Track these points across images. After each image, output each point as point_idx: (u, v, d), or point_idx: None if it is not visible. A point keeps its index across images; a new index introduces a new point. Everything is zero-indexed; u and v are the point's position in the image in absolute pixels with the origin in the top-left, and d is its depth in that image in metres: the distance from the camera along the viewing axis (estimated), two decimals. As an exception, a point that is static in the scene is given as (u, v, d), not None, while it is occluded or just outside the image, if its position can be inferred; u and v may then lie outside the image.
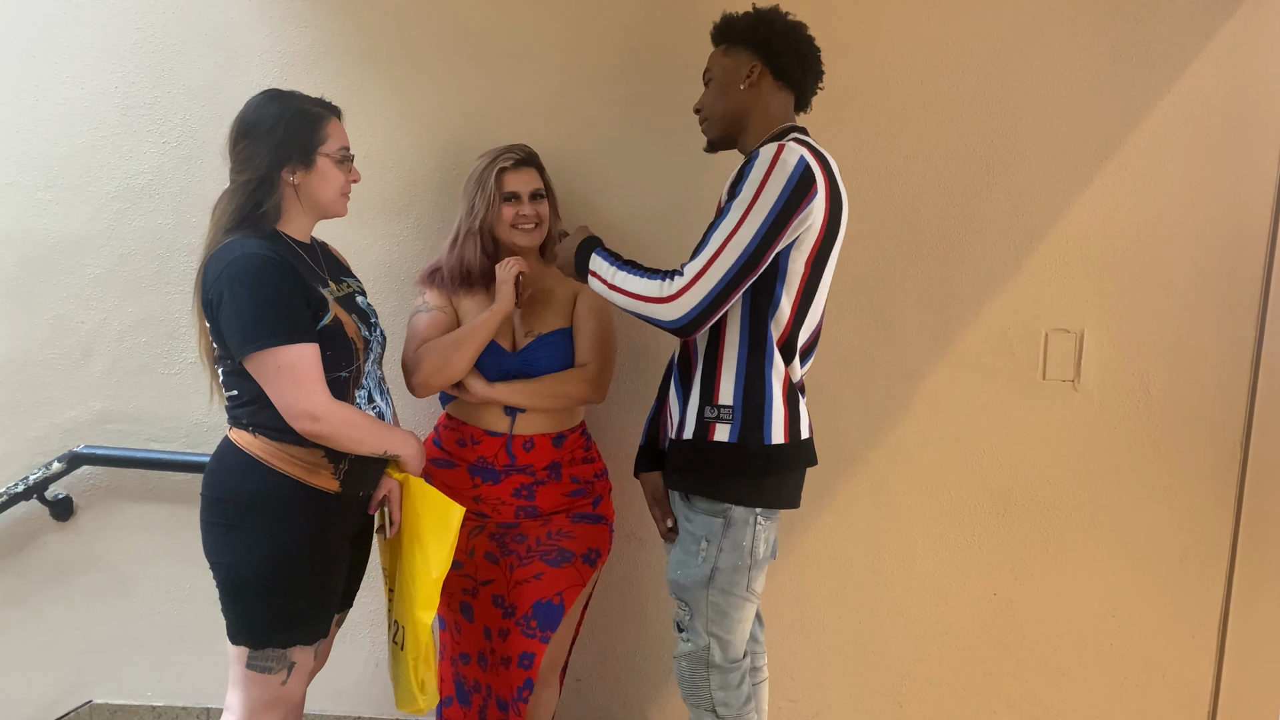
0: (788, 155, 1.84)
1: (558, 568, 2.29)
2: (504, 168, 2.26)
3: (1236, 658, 2.60)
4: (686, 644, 2.05)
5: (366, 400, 2.03)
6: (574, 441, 2.37)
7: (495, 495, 2.30)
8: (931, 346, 2.58)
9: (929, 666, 2.71)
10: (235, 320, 1.84)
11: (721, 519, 1.97)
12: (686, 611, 2.03)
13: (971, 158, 2.51)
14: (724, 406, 1.95)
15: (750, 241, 1.83)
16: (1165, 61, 2.45)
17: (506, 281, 2.22)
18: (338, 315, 1.95)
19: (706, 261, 1.85)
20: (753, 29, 2.03)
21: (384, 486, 2.11)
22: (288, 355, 1.84)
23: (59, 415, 2.72)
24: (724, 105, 2.05)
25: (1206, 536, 2.58)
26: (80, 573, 2.78)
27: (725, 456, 1.95)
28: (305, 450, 1.93)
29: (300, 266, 1.92)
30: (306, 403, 1.85)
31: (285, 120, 1.91)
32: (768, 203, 1.83)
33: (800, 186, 1.84)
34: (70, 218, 2.65)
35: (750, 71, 2.01)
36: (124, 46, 2.59)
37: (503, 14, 2.54)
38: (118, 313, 2.68)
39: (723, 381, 1.95)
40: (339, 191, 2.00)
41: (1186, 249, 2.50)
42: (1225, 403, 2.54)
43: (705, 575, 1.99)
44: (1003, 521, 2.62)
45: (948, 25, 2.47)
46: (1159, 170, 2.48)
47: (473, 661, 2.36)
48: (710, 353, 1.98)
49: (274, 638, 1.94)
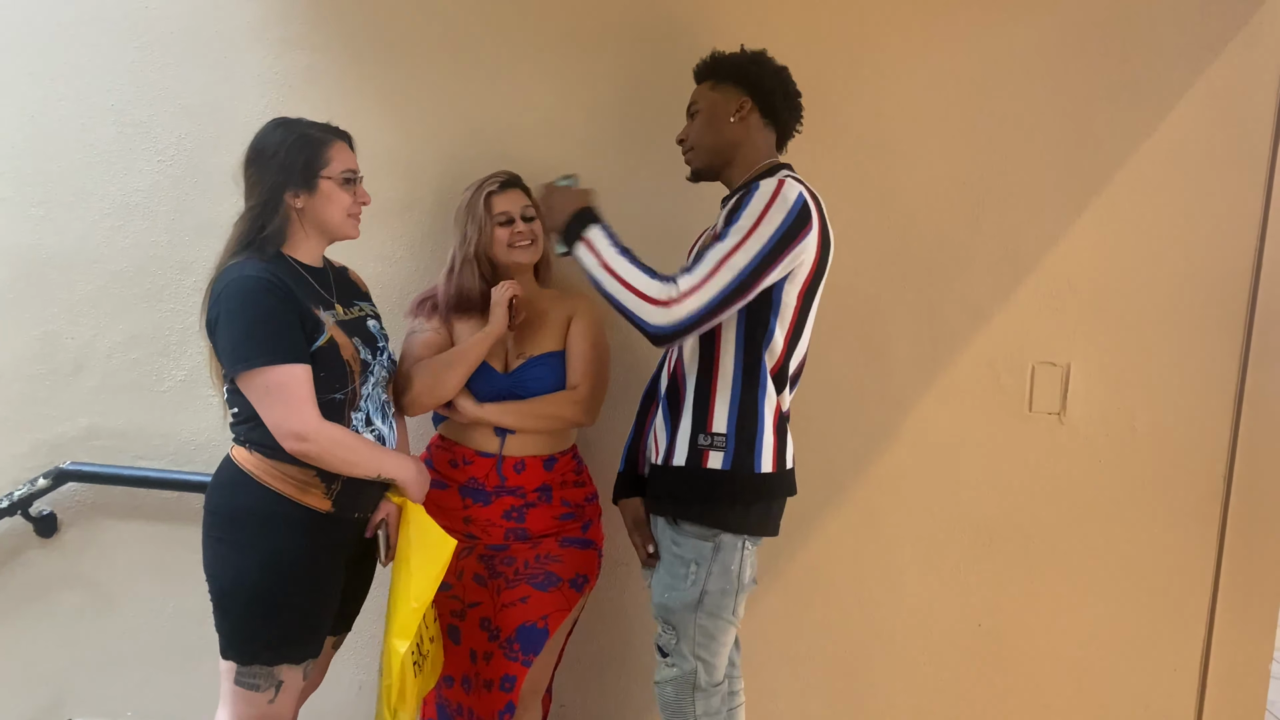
0: (788, 190, 1.89)
1: (544, 591, 2.29)
2: (491, 191, 2.29)
3: (1218, 690, 2.62)
4: (671, 668, 2.06)
5: (364, 423, 2.04)
6: (565, 464, 2.38)
7: (485, 517, 2.30)
8: (920, 377, 2.60)
9: (913, 696, 2.71)
10: (228, 340, 1.88)
11: (711, 543, 1.99)
12: (673, 635, 2.05)
13: (962, 192, 2.54)
14: (718, 434, 1.98)
15: (746, 266, 1.86)
16: (1153, 100, 2.49)
17: (500, 304, 2.24)
18: (334, 338, 1.97)
19: (704, 278, 1.87)
20: (745, 67, 2.10)
21: (382, 510, 2.13)
22: (276, 375, 1.87)
23: (47, 431, 2.71)
24: (712, 138, 2.09)
25: (1190, 570, 2.60)
26: (63, 590, 2.76)
27: (718, 483, 1.98)
28: (297, 469, 1.95)
29: (301, 289, 1.95)
30: (294, 422, 1.88)
31: (287, 145, 1.95)
32: (766, 233, 1.87)
33: (798, 221, 1.89)
34: (63, 234, 2.65)
35: (740, 107, 2.07)
36: (121, 65, 2.60)
37: (500, 37, 2.56)
38: (108, 329, 2.67)
39: (716, 410, 1.98)
40: (344, 213, 2.03)
41: (1172, 284, 2.53)
42: (1209, 437, 2.56)
43: (694, 598, 2.00)
44: (988, 552, 2.64)
45: (941, 62, 2.51)
46: (1146, 206, 2.51)
47: (456, 685, 2.35)
48: (703, 381, 2.00)
49: (261, 654, 1.95)
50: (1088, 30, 2.48)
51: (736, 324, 1.96)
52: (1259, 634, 2.59)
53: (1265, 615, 2.58)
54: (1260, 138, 2.47)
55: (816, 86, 2.45)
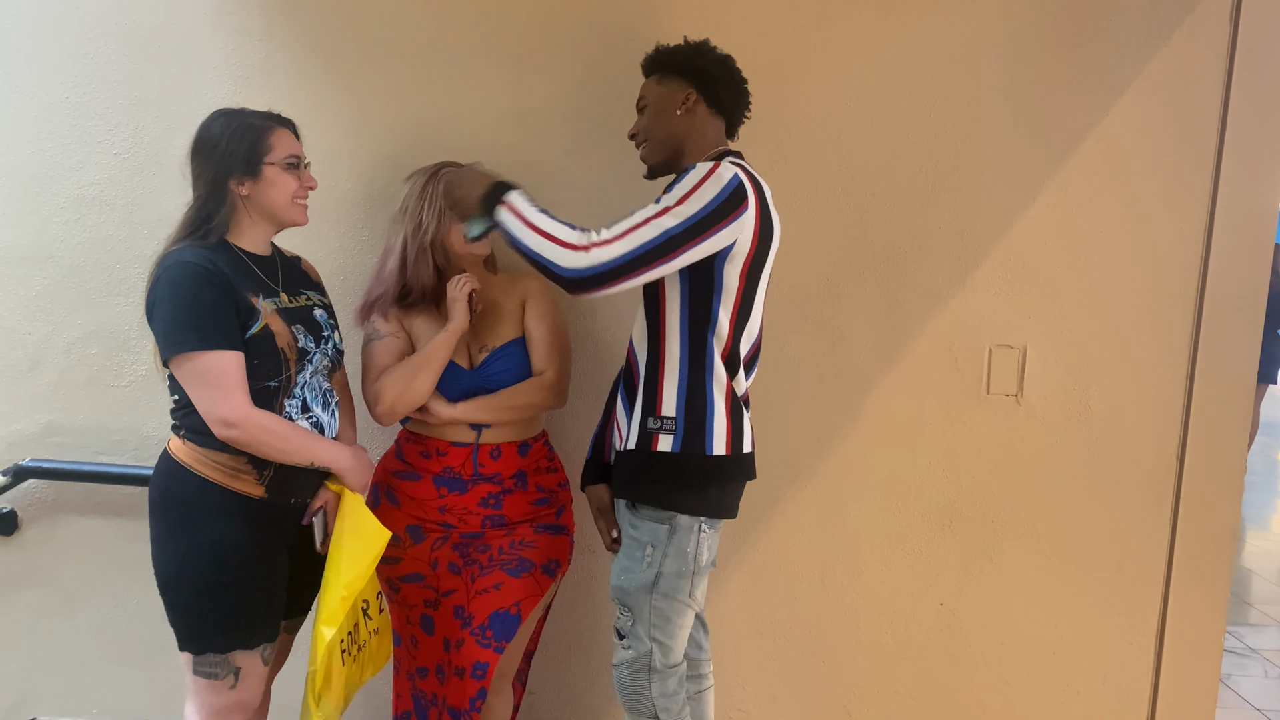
0: (723, 170, 1.92)
1: (517, 578, 2.29)
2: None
3: (1173, 662, 2.68)
4: (628, 650, 2.08)
5: (300, 410, 2.05)
6: (538, 450, 2.38)
7: (462, 505, 2.29)
8: (879, 361, 2.63)
9: (877, 675, 2.75)
10: (161, 325, 1.91)
11: (667, 525, 2.02)
12: (629, 617, 2.07)
13: (917, 177, 2.57)
14: (667, 418, 2.00)
15: (671, 229, 1.87)
16: (1103, 86, 2.53)
17: (459, 299, 2.22)
18: (270, 325, 1.98)
19: (625, 230, 1.89)
20: (688, 59, 2.12)
21: (321, 497, 2.14)
22: (206, 360, 1.89)
23: (4, 428, 2.68)
24: (662, 130, 2.12)
25: (1144, 545, 2.66)
26: (24, 588, 2.73)
27: (669, 466, 2.00)
28: (228, 456, 1.97)
29: (240, 276, 1.97)
30: (223, 408, 1.90)
31: (229, 134, 1.97)
32: (697, 204, 1.89)
33: (731, 200, 1.91)
34: (19, 228, 2.61)
35: (686, 98, 2.09)
36: (76, 56, 2.57)
37: (457, 27, 2.56)
38: (66, 324, 2.65)
39: (665, 393, 2.01)
40: (289, 197, 2.03)
41: (1124, 268, 2.58)
42: (1161, 416, 2.62)
43: (649, 580, 2.03)
44: (948, 532, 2.68)
45: (894, 48, 2.54)
46: (1098, 191, 2.56)
47: (430, 675, 2.35)
48: (651, 365, 2.03)
49: (211, 642, 1.98)
50: (1041, 17, 2.52)
51: (680, 307, 1.98)
52: (1212, 607, 2.65)
53: (1218, 589, 2.65)
54: (1207, 123, 2.53)
55: (770, 73, 2.49)
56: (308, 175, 2.08)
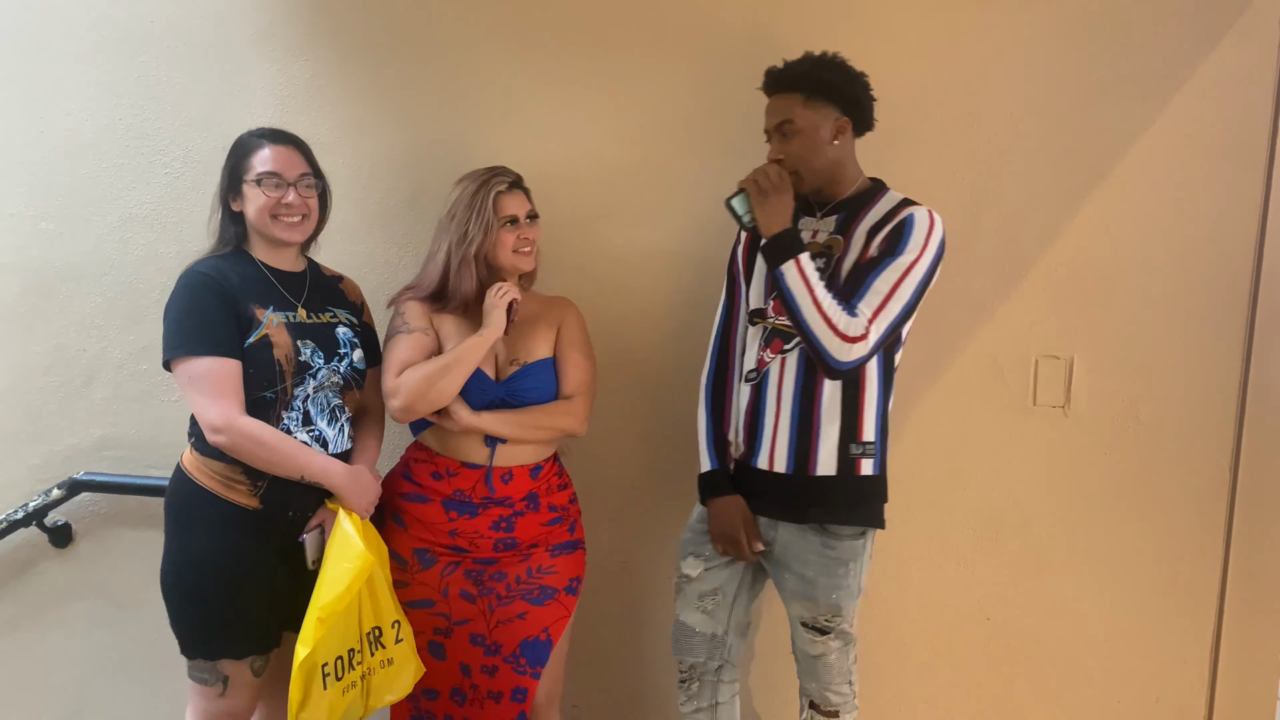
0: (939, 222, 2.04)
1: (540, 606, 2.25)
2: (500, 191, 2.21)
3: (1229, 680, 2.62)
4: (834, 641, 2.19)
5: (300, 423, 2.06)
6: (549, 470, 2.32)
7: (473, 528, 2.22)
8: (923, 373, 2.61)
9: (922, 689, 2.72)
10: (165, 330, 2.01)
11: (863, 541, 2.15)
12: (840, 619, 2.18)
13: (962, 186, 2.55)
14: (868, 443, 2.11)
15: (912, 295, 2.01)
16: (1152, 93, 2.50)
17: (499, 307, 2.17)
18: (270, 336, 2.02)
19: (878, 310, 1.97)
20: (845, 86, 2.11)
21: (318, 516, 2.14)
22: (200, 366, 1.95)
23: (59, 442, 2.73)
24: (820, 161, 2.12)
25: (1198, 559, 2.60)
26: (78, 599, 2.78)
27: (871, 488, 2.14)
28: (224, 465, 2.02)
29: (251, 286, 2.04)
30: (211, 413, 1.95)
31: (230, 153, 2.09)
32: (928, 260, 2.02)
33: (943, 248, 2.05)
34: (73, 247, 2.67)
35: (841, 130, 2.12)
36: (128, 79, 2.63)
37: (499, 44, 2.59)
38: (119, 341, 2.70)
39: (866, 418, 2.10)
40: (265, 213, 2.07)
41: (1174, 275, 2.54)
42: (1214, 426, 2.57)
43: (857, 588, 2.17)
44: (995, 545, 2.65)
45: (939, 55, 2.52)
46: (1146, 198, 2.52)
47: (443, 697, 2.27)
48: (851, 390, 2.09)
49: (199, 648, 2.04)
50: (1086, 23, 2.49)
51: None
52: (1269, 622, 2.59)
53: (1275, 603, 2.59)
54: (1259, 128, 2.48)
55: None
56: (289, 192, 2.07)
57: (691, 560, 2.29)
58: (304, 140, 2.17)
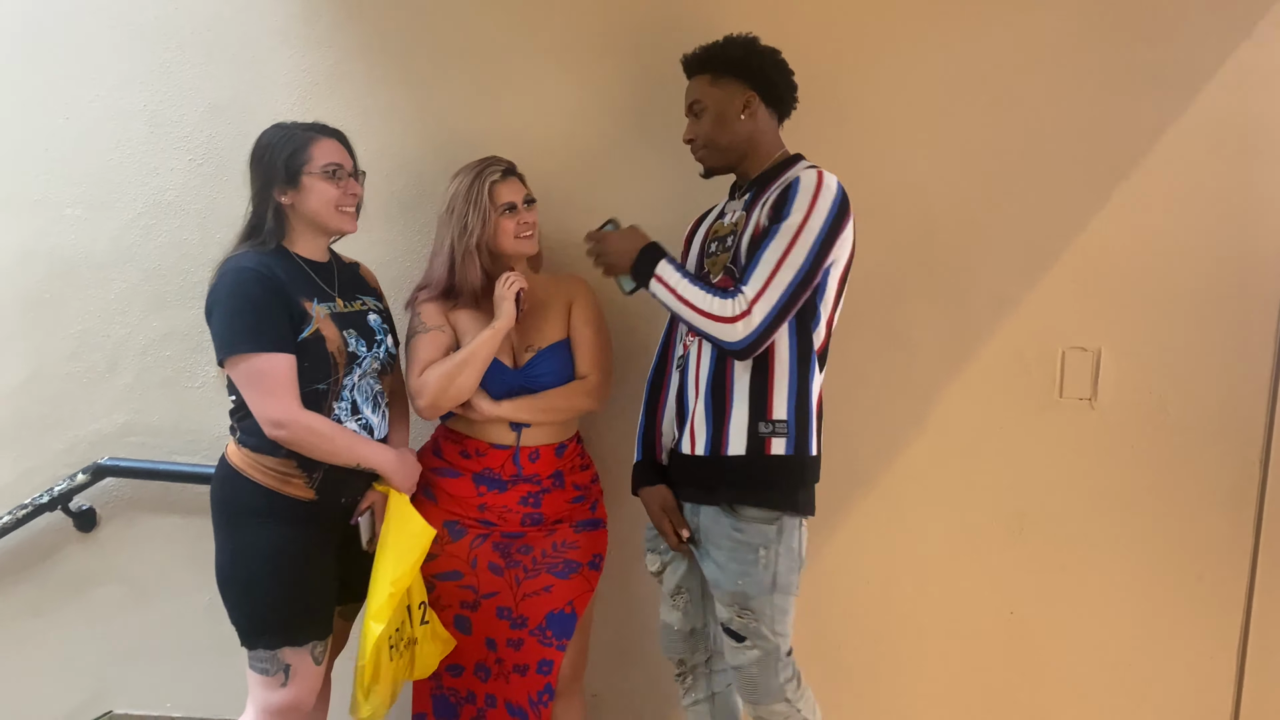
0: (829, 180, 1.96)
1: (565, 579, 2.33)
2: (494, 180, 2.25)
3: (1257, 678, 2.58)
4: (752, 650, 2.08)
5: (349, 413, 2.10)
6: (573, 450, 2.40)
7: (502, 503, 2.30)
8: (947, 365, 2.58)
9: (944, 685, 2.70)
10: (218, 327, 2.00)
11: (775, 526, 2.04)
12: (751, 618, 2.07)
13: (988, 176, 2.52)
14: (779, 421, 2.02)
15: (804, 261, 1.92)
16: (1181, 82, 2.46)
17: (507, 298, 2.21)
18: (321, 330, 2.04)
19: (763, 284, 1.92)
20: (744, 61, 2.10)
21: (368, 499, 2.20)
22: (259, 362, 1.96)
23: (84, 428, 2.76)
24: (726, 137, 2.11)
25: (1225, 555, 2.56)
26: (101, 584, 2.82)
27: (781, 468, 2.03)
28: (278, 460, 2.04)
29: (296, 281, 2.04)
30: (272, 409, 1.97)
31: (274, 146, 2.05)
32: (817, 224, 1.92)
33: (842, 209, 1.96)
34: (97, 234, 2.70)
35: (747, 103, 2.09)
36: (152, 66, 2.64)
37: (524, 36, 2.58)
38: (142, 327, 2.72)
39: (775, 396, 2.02)
40: (330, 205, 2.08)
41: (1203, 268, 2.50)
42: (1243, 421, 2.53)
43: (769, 581, 2.05)
44: (1019, 540, 2.62)
45: (964, 44, 2.49)
46: (1175, 189, 2.48)
47: (467, 673, 2.34)
48: (760, 368, 2.03)
49: (262, 639, 2.05)
50: (1114, 12, 2.45)
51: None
52: (1298, 621, 2.56)
53: (1304, 602, 2.55)
54: (1290, 118, 2.44)
55: (833, 75, 2.48)
56: (352, 183, 2.11)
57: (650, 556, 2.31)
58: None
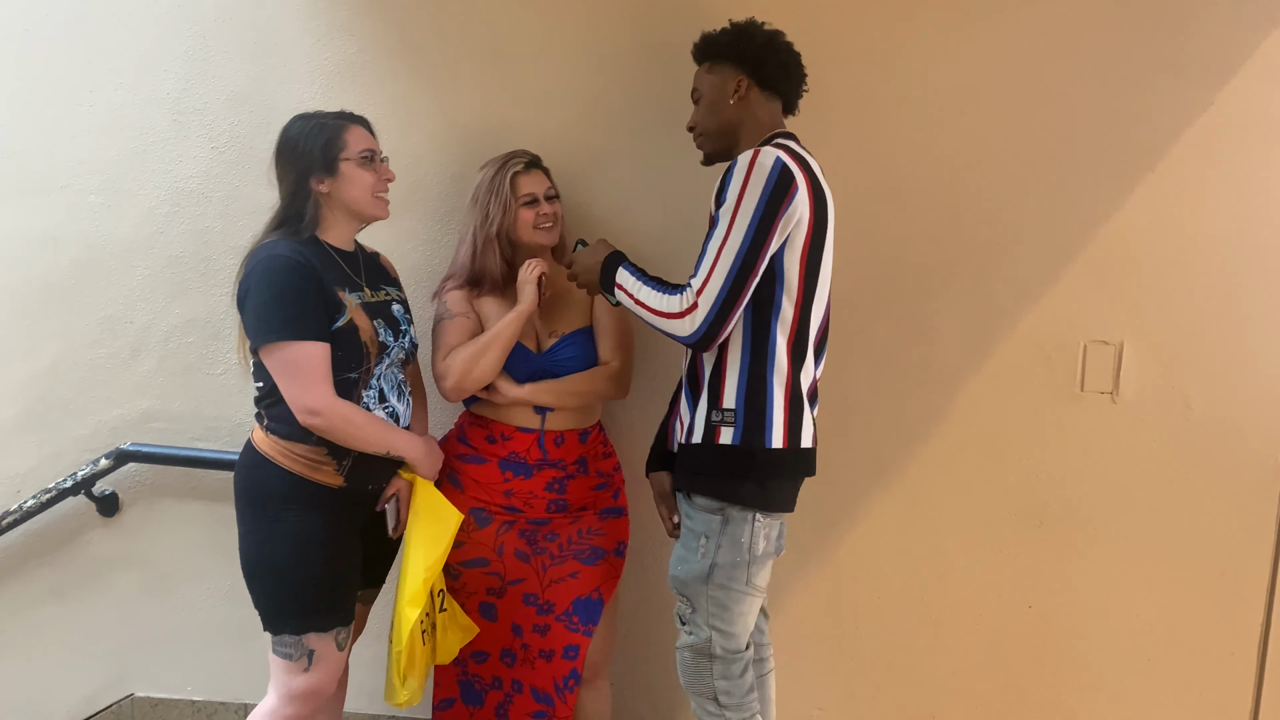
0: (763, 158, 1.90)
1: (592, 565, 2.37)
2: (517, 172, 2.32)
3: (1277, 677, 2.57)
4: (689, 636, 2.09)
5: (377, 400, 2.12)
6: (596, 437, 2.44)
7: (528, 489, 2.34)
8: (968, 357, 2.57)
9: (962, 679, 2.69)
10: (254, 314, 2.00)
11: (720, 516, 2.02)
12: (688, 605, 2.08)
13: (1010, 167, 2.51)
14: (727, 410, 2.00)
15: (741, 245, 1.89)
16: (1207, 74, 2.43)
17: (530, 282, 2.27)
18: (355, 320, 2.06)
19: (706, 275, 1.91)
20: (733, 44, 2.10)
21: (394, 485, 2.21)
22: (295, 350, 1.97)
23: (107, 413, 2.78)
24: (716, 121, 2.11)
25: (1247, 550, 2.55)
26: (123, 569, 2.84)
27: (727, 458, 2.00)
28: (307, 448, 2.04)
29: (329, 270, 2.05)
30: (308, 397, 1.98)
31: (306, 134, 2.06)
32: (750, 204, 1.89)
33: (779, 186, 1.89)
34: (120, 220, 2.71)
35: (737, 86, 2.08)
36: (175, 54, 2.65)
37: (542, 21, 2.58)
38: (165, 314, 2.74)
39: (727, 386, 2.00)
40: (369, 192, 2.10)
41: (1227, 262, 2.47)
42: (1266, 416, 2.51)
43: (704, 570, 2.03)
44: (1039, 533, 2.61)
45: (988, 36, 2.47)
46: (1200, 182, 2.46)
47: (492, 659, 2.38)
48: (717, 358, 2.02)
49: (287, 624, 2.06)
50: (1141, 2, 2.43)
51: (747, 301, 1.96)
52: (1319, 617, 2.54)
53: (1326, 598, 2.53)
54: (1318, 110, 2.41)
55: (858, 63, 2.47)
56: (385, 168, 2.14)
57: None
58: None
